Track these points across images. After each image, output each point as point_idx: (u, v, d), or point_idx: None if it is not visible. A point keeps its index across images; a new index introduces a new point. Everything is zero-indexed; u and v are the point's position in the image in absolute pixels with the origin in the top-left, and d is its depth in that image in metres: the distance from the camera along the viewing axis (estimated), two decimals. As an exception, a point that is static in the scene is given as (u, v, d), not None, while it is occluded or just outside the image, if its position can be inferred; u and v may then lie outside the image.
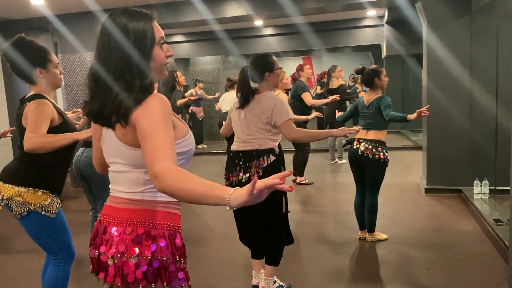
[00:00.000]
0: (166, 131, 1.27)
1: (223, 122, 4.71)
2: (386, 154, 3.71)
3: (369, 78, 3.76)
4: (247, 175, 2.76)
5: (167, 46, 1.44)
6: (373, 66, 3.83)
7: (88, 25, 6.31)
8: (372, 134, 3.73)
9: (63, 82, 6.61)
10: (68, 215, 2.67)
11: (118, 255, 1.33)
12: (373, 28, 9.16)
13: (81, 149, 3.53)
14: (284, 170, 2.84)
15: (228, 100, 7.44)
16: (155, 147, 1.23)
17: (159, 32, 1.40)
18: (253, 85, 2.89)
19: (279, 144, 2.96)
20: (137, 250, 1.33)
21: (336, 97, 5.79)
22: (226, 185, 2.86)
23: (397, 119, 3.53)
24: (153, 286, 1.33)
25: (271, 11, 6.21)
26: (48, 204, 2.28)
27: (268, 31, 9.72)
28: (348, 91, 7.36)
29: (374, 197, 3.83)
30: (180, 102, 5.69)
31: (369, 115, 3.75)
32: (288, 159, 6.55)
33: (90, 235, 1.50)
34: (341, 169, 7.30)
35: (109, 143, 1.42)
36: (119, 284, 1.34)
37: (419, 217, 4.59)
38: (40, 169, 2.29)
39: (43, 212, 2.26)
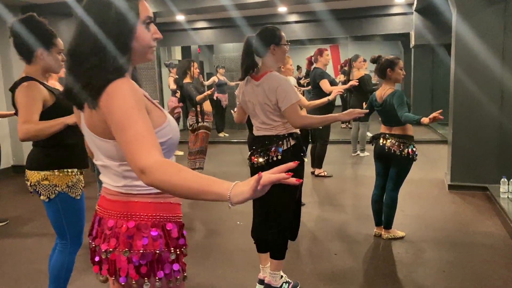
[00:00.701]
0: (142, 121, 1.16)
1: None
2: (414, 149, 3.51)
3: (382, 69, 3.56)
4: (265, 158, 2.67)
5: (155, 28, 1.33)
6: (391, 56, 3.62)
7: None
8: (398, 130, 3.54)
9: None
10: (88, 202, 2.65)
11: (110, 249, 1.28)
12: (401, 16, 8.81)
13: None
14: (305, 154, 2.75)
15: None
16: (133, 140, 1.13)
17: (146, 11, 1.29)
18: (257, 60, 2.72)
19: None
20: (128, 244, 1.27)
21: (354, 82, 5.56)
22: (249, 165, 2.80)
23: (412, 122, 3.30)
24: (146, 280, 1.26)
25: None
26: (73, 185, 2.33)
27: (293, 17, 9.50)
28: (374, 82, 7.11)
29: (395, 192, 3.65)
30: (199, 98, 5.61)
31: (385, 112, 3.55)
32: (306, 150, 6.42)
33: None
34: (363, 162, 7.09)
35: (85, 131, 1.33)
36: (112, 278, 1.29)
37: (440, 215, 4.38)
38: (55, 149, 2.30)
39: (69, 193, 2.31)
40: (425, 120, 3.13)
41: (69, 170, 2.31)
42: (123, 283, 1.28)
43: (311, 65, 5.84)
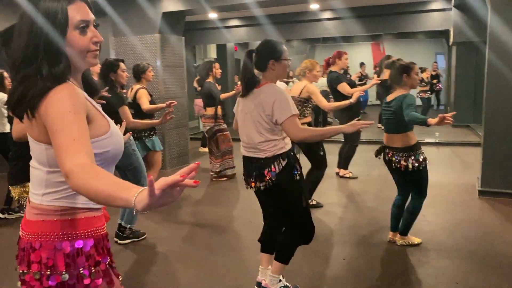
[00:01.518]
0: (76, 125, 1.14)
1: None
2: (420, 159, 3.31)
3: (397, 74, 3.38)
4: (264, 183, 2.56)
5: (95, 31, 1.29)
6: (405, 61, 3.44)
7: (135, 9, 6.42)
8: (398, 141, 3.34)
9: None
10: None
11: (25, 271, 1.28)
12: (440, 12, 8.38)
13: None
14: (299, 169, 2.63)
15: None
16: (64, 144, 1.12)
17: (79, 15, 1.24)
18: (258, 74, 2.63)
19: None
20: (36, 266, 1.25)
21: (377, 80, 5.35)
22: (248, 188, 2.72)
23: (417, 121, 3.10)
24: None
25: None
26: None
27: (326, 15, 9.30)
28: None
29: (420, 200, 3.46)
30: (224, 96, 5.60)
31: (390, 112, 3.37)
32: (335, 149, 6.27)
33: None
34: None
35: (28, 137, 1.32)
36: None
37: (464, 222, 4.14)
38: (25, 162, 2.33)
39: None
40: (432, 121, 2.95)
41: (18, 186, 2.39)
42: None
43: (328, 66, 5.67)
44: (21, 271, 1.29)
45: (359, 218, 4.35)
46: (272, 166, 2.52)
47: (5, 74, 4.72)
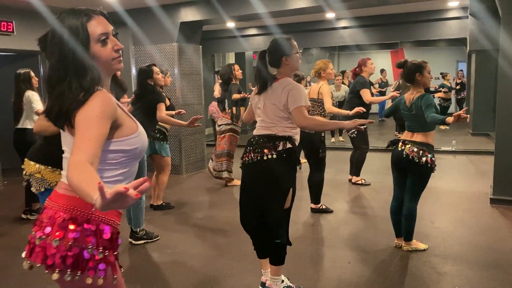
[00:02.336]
0: (97, 128, 1.31)
1: None
2: (433, 158, 3.39)
3: (410, 73, 3.46)
4: (258, 155, 2.70)
5: (115, 40, 1.45)
6: (418, 60, 3.51)
7: (154, 20, 6.66)
8: (419, 137, 3.44)
9: (133, 71, 7.04)
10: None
11: (43, 237, 1.41)
12: (457, 20, 8.38)
13: None
14: (298, 162, 2.78)
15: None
16: (80, 141, 1.29)
17: (98, 29, 1.41)
18: (273, 71, 2.81)
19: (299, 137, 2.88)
20: (61, 234, 1.38)
21: (395, 93, 5.42)
22: (240, 166, 2.88)
23: (438, 121, 3.21)
24: (68, 272, 1.37)
25: (341, 2, 5.94)
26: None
27: (342, 23, 9.39)
28: (431, 89, 6.84)
29: (413, 203, 3.53)
30: (235, 96, 5.76)
31: (412, 116, 3.46)
32: (345, 156, 6.32)
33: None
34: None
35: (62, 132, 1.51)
36: (38, 264, 1.41)
37: (473, 230, 4.15)
38: (59, 150, 2.51)
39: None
40: (450, 119, 3.06)
41: (62, 171, 2.52)
42: (46, 271, 1.40)
43: (356, 76, 5.74)
44: (38, 237, 1.42)
45: (366, 224, 4.41)
46: (277, 143, 2.70)
47: (31, 73, 4.95)
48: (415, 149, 3.38)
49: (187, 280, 3.26)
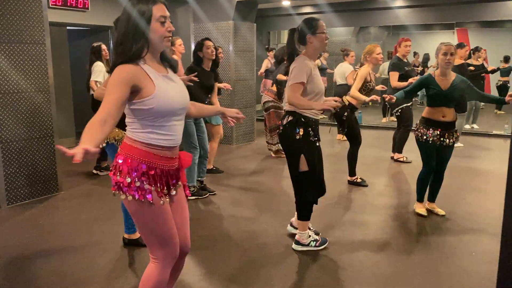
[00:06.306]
0: (113, 94, 1.71)
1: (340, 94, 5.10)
2: (418, 130, 3.93)
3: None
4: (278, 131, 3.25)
5: (170, 23, 1.89)
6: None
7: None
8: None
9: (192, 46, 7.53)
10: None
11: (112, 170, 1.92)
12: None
13: None
14: (298, 133, 3.05)
15: (340, 72, 7.57)
16: (104, 101, 1.72)
17: (160, 12, 1.84)
18: (302, 49, 3.14)
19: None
20: (122, 160, 1.87)
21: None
22: None
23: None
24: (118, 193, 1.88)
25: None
26: (120, 138, 3.07)
27: (398, 2, 9.34)
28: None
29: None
30: (279, 77, 6.12)
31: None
32: (389, 135, 6.50)
33: None
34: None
35: None
36: (113, 191, 1.90)
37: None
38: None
39: (115, 143, 3.09)
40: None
41: (116, 129, 3.02)
42: (113, 190, 1.89)
43: (396, 53, 5.88)
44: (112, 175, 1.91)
45: (400, 196, 4.68)
46: (285, 117, 3.10)
47: (103, 46, 5.50)
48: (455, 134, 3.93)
49: (231, 227, 3.76)
